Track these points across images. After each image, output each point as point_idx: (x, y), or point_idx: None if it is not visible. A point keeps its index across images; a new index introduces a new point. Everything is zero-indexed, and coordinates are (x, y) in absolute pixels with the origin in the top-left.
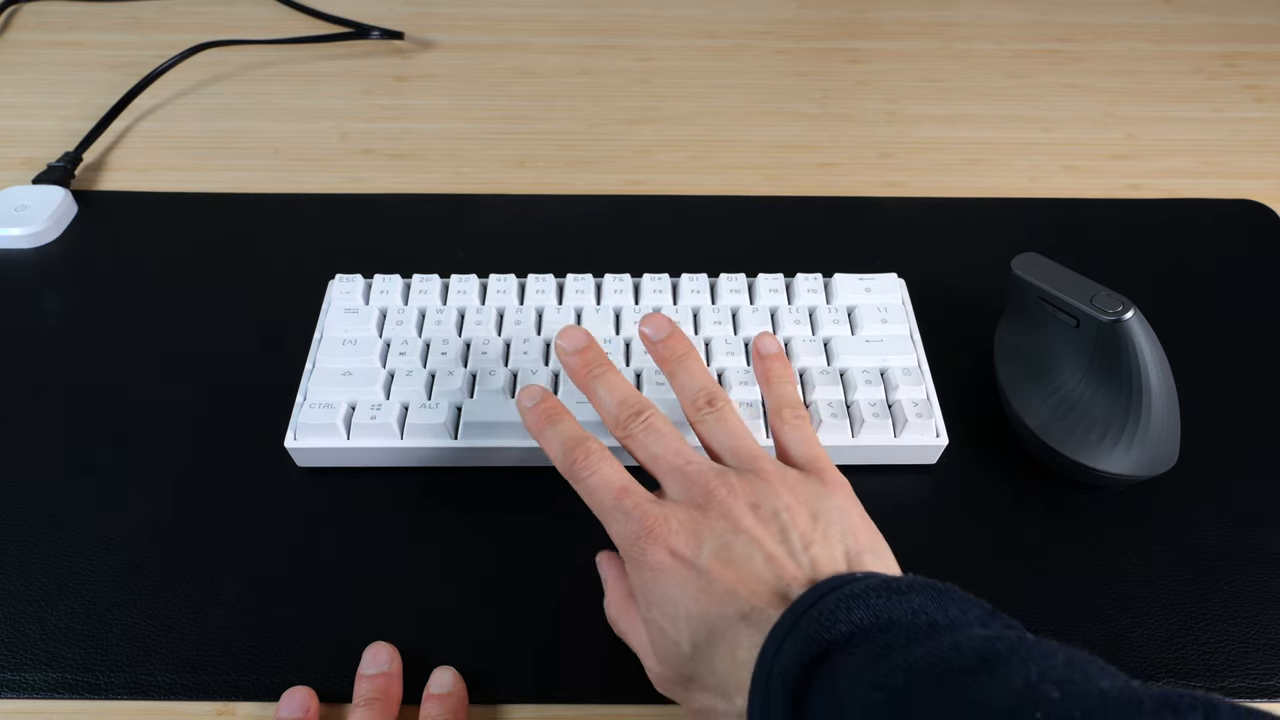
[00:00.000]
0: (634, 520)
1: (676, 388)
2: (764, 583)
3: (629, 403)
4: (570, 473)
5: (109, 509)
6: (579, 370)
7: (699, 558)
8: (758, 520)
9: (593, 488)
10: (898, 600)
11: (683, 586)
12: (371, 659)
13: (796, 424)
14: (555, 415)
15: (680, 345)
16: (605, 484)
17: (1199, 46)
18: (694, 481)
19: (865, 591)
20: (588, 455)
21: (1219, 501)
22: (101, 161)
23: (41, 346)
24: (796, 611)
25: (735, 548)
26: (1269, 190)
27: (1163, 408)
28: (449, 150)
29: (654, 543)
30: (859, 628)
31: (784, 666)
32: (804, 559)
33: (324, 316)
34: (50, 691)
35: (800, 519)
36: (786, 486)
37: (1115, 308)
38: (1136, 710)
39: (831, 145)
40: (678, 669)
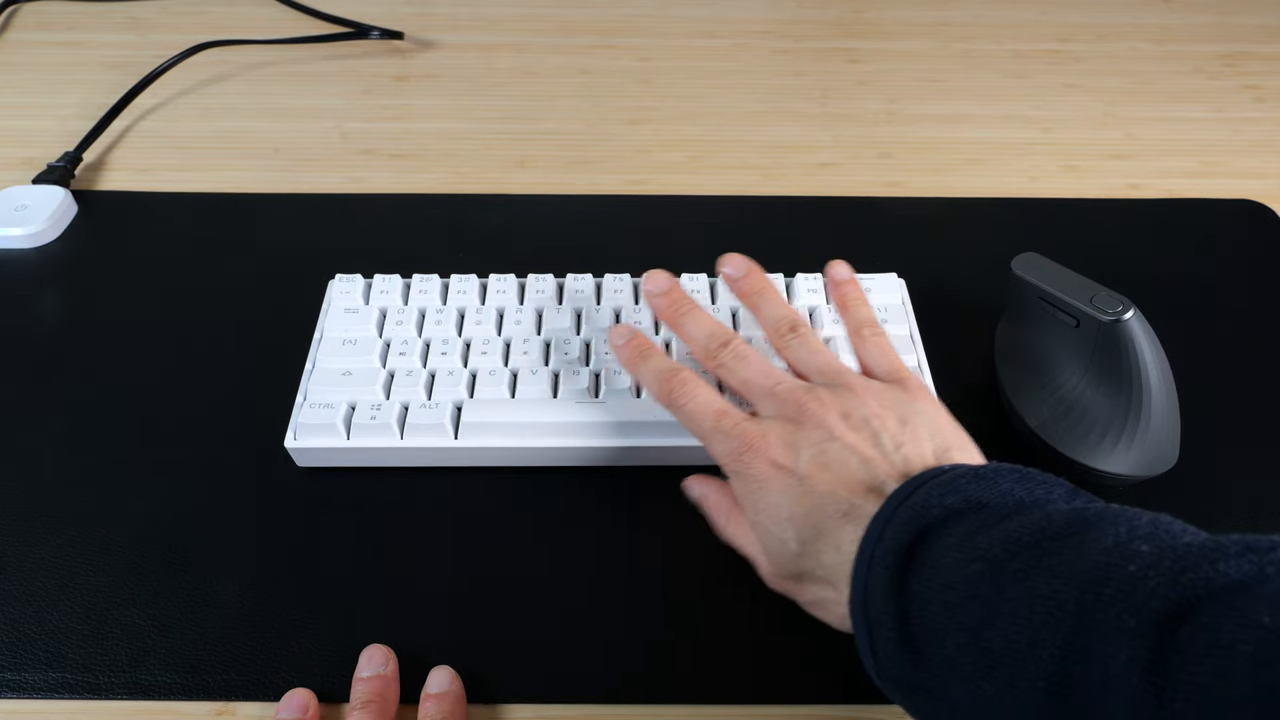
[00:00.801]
0: (734, 438)
1: (760, 319)
2: (860, 482)
3: (717, 334)
4: (668, 400)
5: (109, 509)
6: (666, 309)
7: (798, 465)
8: (849, 428)
9: (691, 412)
10: (986, 484)
11: (786, 492)
12: (368, 661)
13: (875, 340)
14: (647, 351)
15: (759, 280)
16: (703, 407)
17: (1199, 46)
18: (785, 399)
19: (955, 479)
20: (684, 384)
21: (1219, 501)
22: (101, 161)
23: (41, 346)
24: (895, 502)
25: (831, 453)
26: (1269, 190)
27: (1163, 408)
28: (449, 150)
29: (755, 456)
30: (952, 511)
31: (885, 551)
32: (896, 458)
33: (324, 316)
34: (50, 691)
35: (889, 423)
36: (873, 395)
37: (1115, 308)
38: (1221, 555)
39: (831, 145)
40: (787, 567)
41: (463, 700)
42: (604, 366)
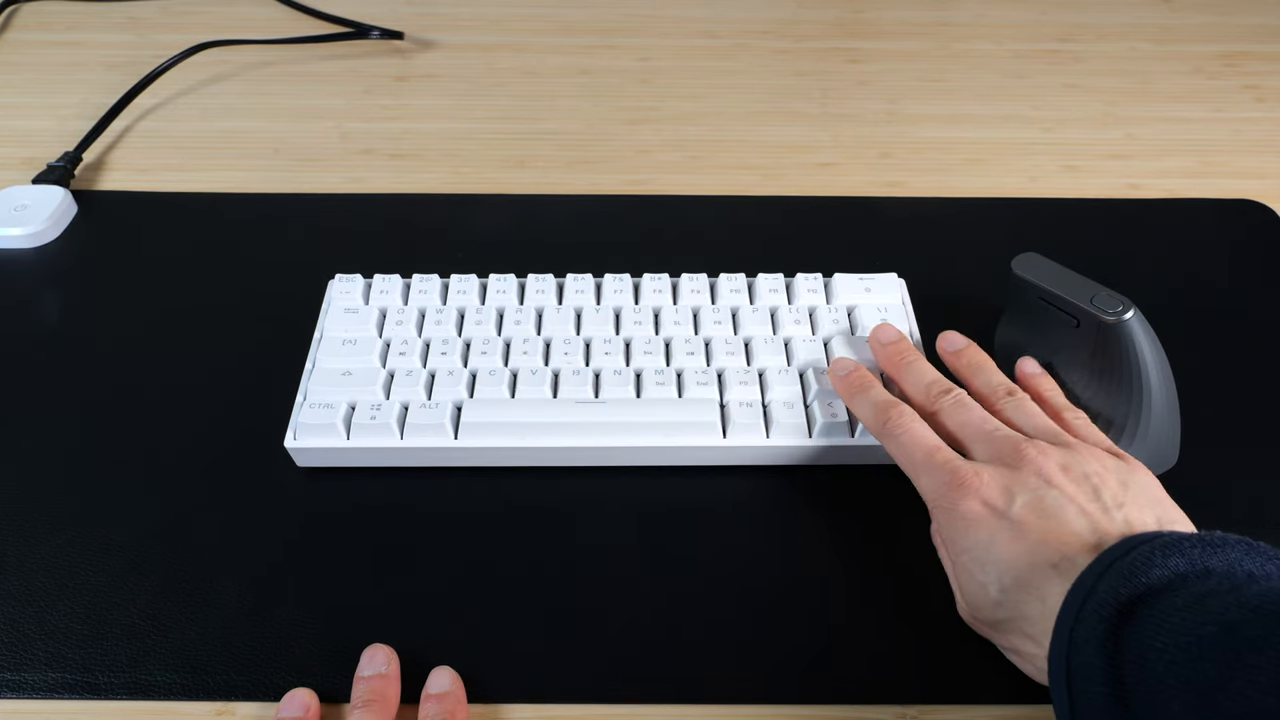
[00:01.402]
0: (945, 472)
1: (974, 390)
2: (1076, 535)
3: (939, 383)
4: (883, 431)
5: (109, 509)
6: (891, 359)
7: (1010, 509)
8: (1069, 479)
9: (905, 444)
10: (1214, 551)
11: (993, 534)
12: (369, 661)
13: (1083, 421)
14: (866, 383)
15: (977, 356)
16: (918, 440)
17: (1199, 46)
18: (1003, 444)
19: (1179, 541)
20: (901, 416)
21: (1219, 501)
22: (101, 161)
23: (41, 346)
24: (1109, 558)
25: (1047, 500)
26: (1269, 190)
27: (1163, 407)
28: (449, 150)
29: (966, 494)
30: (1177, 574)
31: (1098, 604)
32: (1117, 516)
33: (324, 316)
34: (50, 691)
35: (1110, 482)
36: (1094, 456)
37: (1115, 308)
38: None
39: (831, 145)
40: (984, 612)
41: (463, 701)
42: (604, 366)
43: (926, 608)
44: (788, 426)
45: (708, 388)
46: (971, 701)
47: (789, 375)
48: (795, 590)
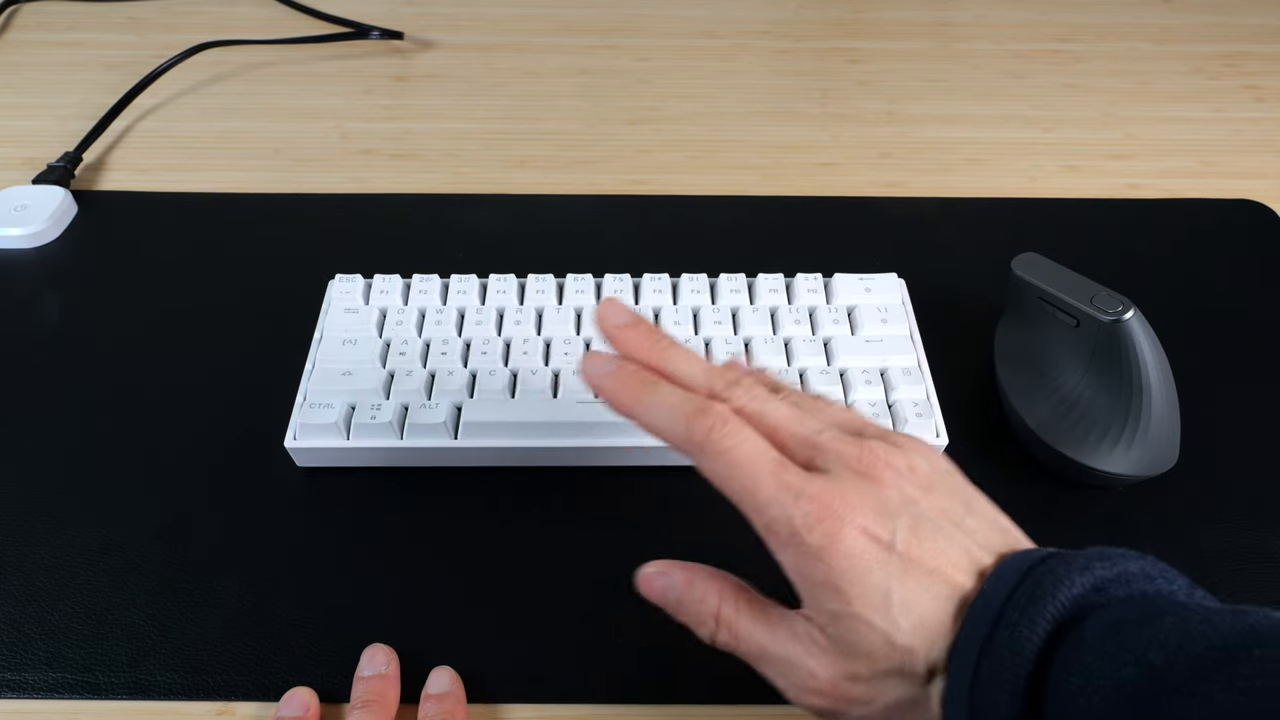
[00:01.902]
0: (809, 499)
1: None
2: (958, 556)
3: (717, 369)
4: (702, 446)
5: (109, 509)
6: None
7: (895, 537)
8: (923, 488)
9: (739, 461)
10: (1109, 564)
11: (886, 570)
12: (369, 661)
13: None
14: (649, 380)
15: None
16: (757, 456)
17: (1199, 46)
18: (842, 446)
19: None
20: (724, 421)
21: (1219, 501)
22: (101, 161)
23: (41, 346)
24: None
25: (923, 522)
26: (1269, 190)
27: (1163, 407)
28: (449, 150)
29: (843, 524)
30: (1082, 596)
31: (1005, 639)
32: (972, 525)
33: (324, 316)
34: (50, 691)
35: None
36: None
37: (1115, 308)
38: None
39: (831, 145)
40: (872, 664)
41: (463, 701)
42: None
43: None
44: None
45: None
46: None
47: (789, 375)
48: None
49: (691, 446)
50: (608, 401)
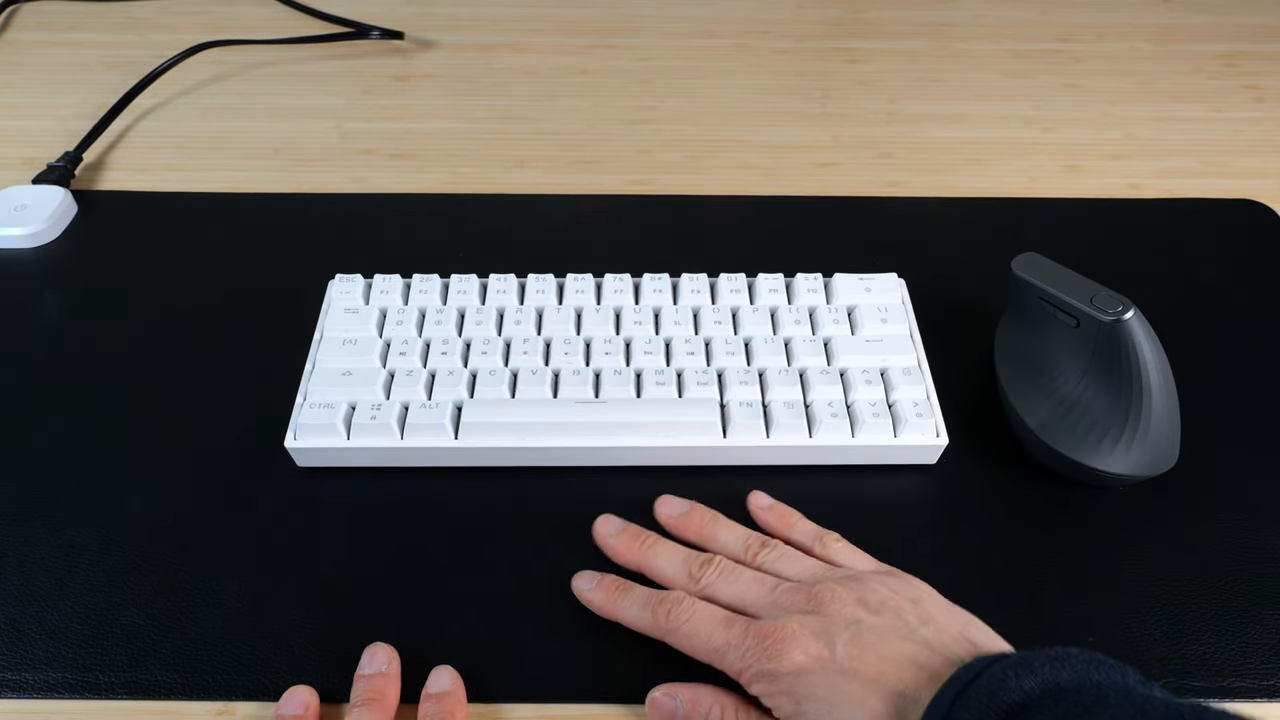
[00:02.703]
0: (755, 637)
1: (719, 548)
2: (903, 663)
3: (693, 556)
4: (665, 626)
5: (109, 509)
6: (628, 547)
7: (835, 651)
8: (870, 611)
9: (696, 629)
10: (1061, 666)
11: (829, 679)
12: (369, 659)
13: (841, 544)
14: (623, 586)
15: (705, 514)
16: (707, 620)
17: (1199, 46)
18: (791, 596)
19: (1028, 660)
20: (678, 603)
21: (1219, 501)
22: (101, 161)
23: (41, 346)
24: (958, 683)
25: (864, 636)
26: (1269, 190)
27: (1163, 407)
28: (449, 150)
29: (788, 647)
30: (1032, 695)
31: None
32: (927, 635)
33: (324, 316)
34: (50, 691)
35: (905, 604)
36: (877, 581)
37: (1115, 307)
38: None
39: (831, 145)
40: None
41: (463, 702)
42: (604, 366)
43: None
44: (788, 426)
45: (708, 388)
46: None
47: (789, 375)
48: None
49: (660, 630)
50: (594, 608)
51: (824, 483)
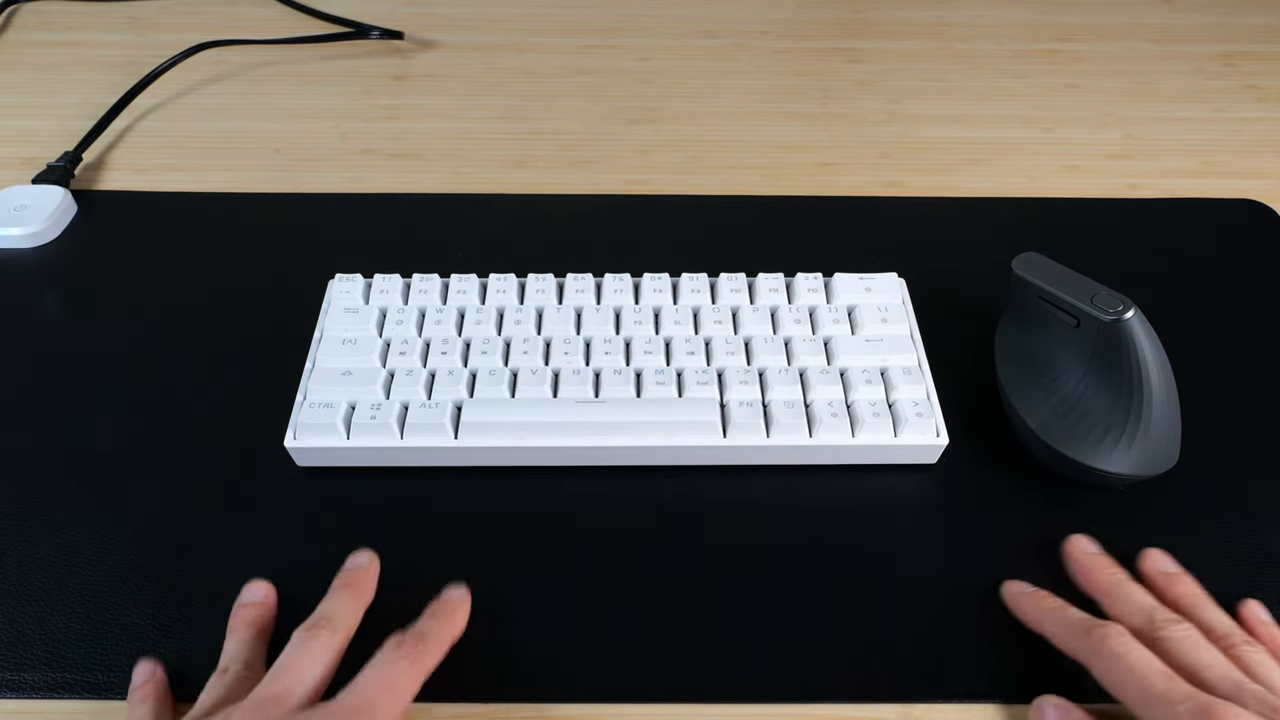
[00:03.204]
0: (1194, 703)
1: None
2: None
3: (1162, 610)
4: (1097, 651)
5: (109, 509)
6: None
7: None
8: None
9: (1132, 665)
10: None
11: None
12: (353, 558)
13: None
14: (1059, 602)
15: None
16: (1149, 664)
17: (1199, 46)
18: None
19: None
20: (1120, 635)
21: (1219, 501)
22: (101, 161)
23: (41, 346)
24: None
25: None
26: (1269, 190)
27: (1163, 407)
28: (449, 150)
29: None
30: None
31: None
32: None
33: (324, 316)
34: (50, 691)
35: None
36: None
37: (1116, 307)
38: None
39: (831, 145)
40: None
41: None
42: (604, 366)
43: (928, 606)
44: (788, 426)
45: (708, 387)
46: (972, 700)
47: (789, 375)
48: (796, 589)
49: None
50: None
51: (824, 483)
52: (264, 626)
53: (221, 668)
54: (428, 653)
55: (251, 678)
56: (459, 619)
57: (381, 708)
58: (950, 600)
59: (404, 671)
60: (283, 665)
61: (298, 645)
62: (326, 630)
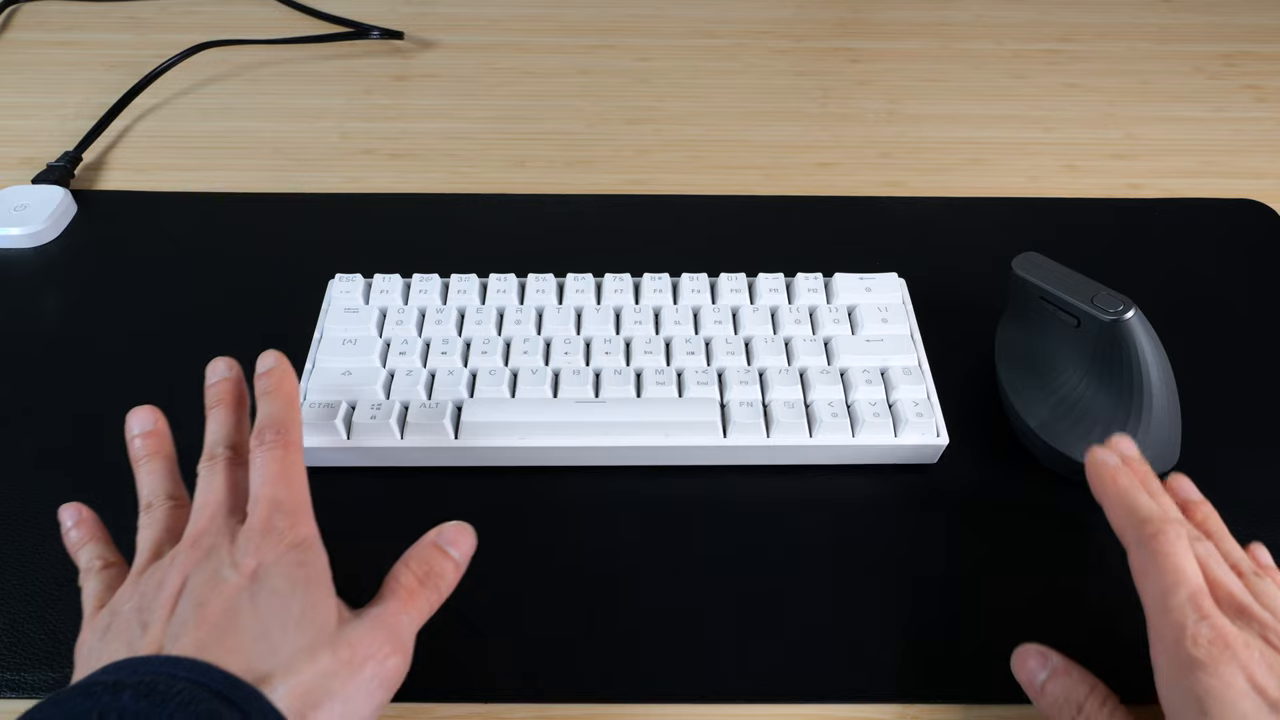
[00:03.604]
0: (1213, 625)
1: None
2: None
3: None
4: (1142, 536)
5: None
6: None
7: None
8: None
9: (1170, 567)
10: None
11: (1259, 713)
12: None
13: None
14: (1140, 486)
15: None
16: (1184, 568)
17: (1199, 46)
18: (1266, 627)
19: None
20: (1179, 537)
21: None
22: (101, 161)
23: (41, 346)
24: None
25: None
26: (1269, 190)
27: (1164, 407)
28: (449, 150)
29: (1231, 657)
30: None
31: None
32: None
33: (324, 316)
34: (50, 691)
35: None
36: None
37: (1116, 307)
38: None
39: (831, 145)
40: None
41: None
42: (604, 366)
43: (927, 607)
44: (788, 426)
45: (708, 387)
46: (972, 701)
47: (789, 375)
48: (796, 590)
49: (1137, 537)
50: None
51: (824, 482)
52: (168, 451)
53: (145, 503)
54: (289, 432)
55: (178, 508)
56: (288, 387)
57: (286, 497)
58: (950, 600)
59: (280, 457)
60: (203, 501)
61: (208, 478)
62: (221, 456)
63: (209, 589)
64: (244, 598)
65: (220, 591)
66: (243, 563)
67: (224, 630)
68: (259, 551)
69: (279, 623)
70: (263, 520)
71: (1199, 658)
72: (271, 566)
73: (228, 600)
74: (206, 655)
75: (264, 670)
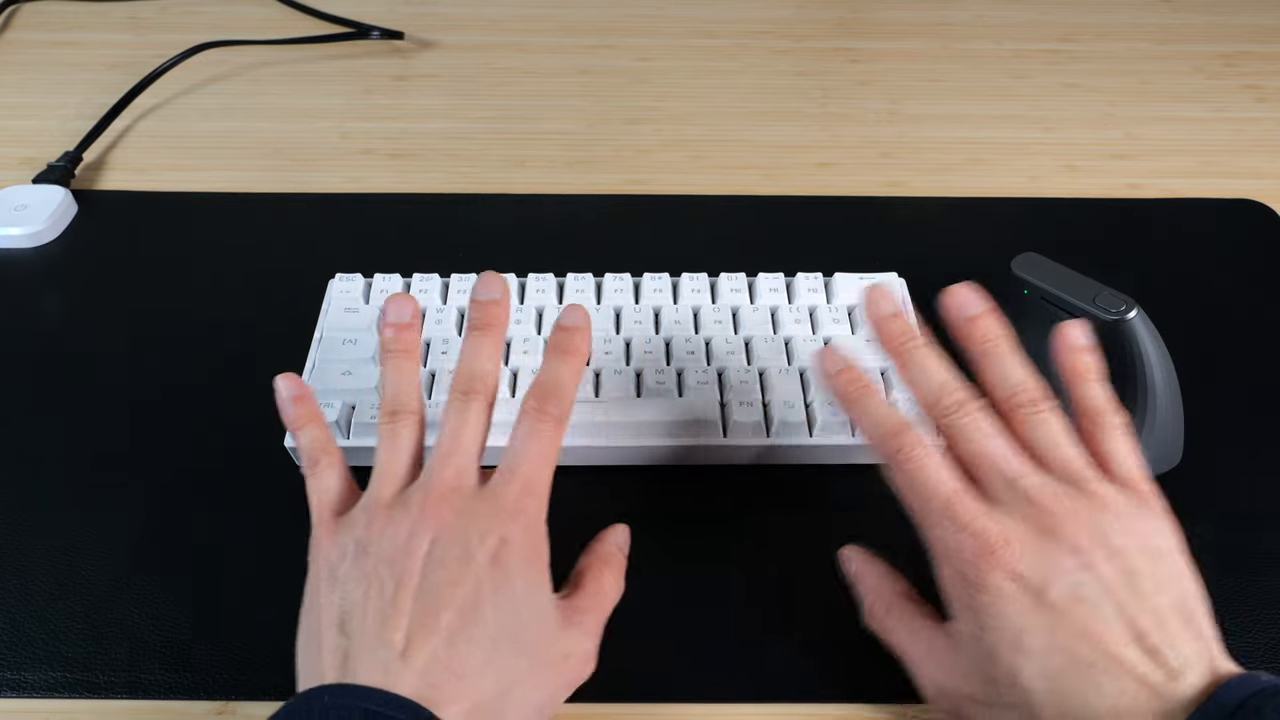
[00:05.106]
0: (970, 535)
1: (988, 381)
2: (1114, 636)
3: (951, 388)
4: (890, 459)
5: (109, 509)
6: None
7: (1047, 593)
8: (1105, 558)
9: (918, 483)
10: None
11: (1026, 617)
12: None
13: (1121, 434)
14: (864, 390)
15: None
16: (934, 483)
17: (1199, 46)
18: (1033, 500)
19: None
20: (914, 446)
21: (1222, 500)
22: (101, 161)
23: (41, 346)
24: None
25: (1084, 590)
26: (1269, 190)
27: (1166, 407)
28: (449, 150)
29: (996, 566)
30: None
31: None
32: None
33: (324, 316)
34: (50, 691)
35: (1142, 561)
36: (1123, 519)
37: (1119, 307)
38: None
39: (831, 145)
40: (993, 694)
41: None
42: (604, 366)
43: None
44: (788, 426)
45: (708, 387)
46: None
47: (789, 375)
48: (796, 590)
49: (884, 456)
50: (835, 391)
51: (824, 483)
52: (418, 352)
53: (389, 409)
54: (563, 405)
55: (420, 425)
56: (583, 348)
57: (539, 480)
58: None
59: (550, 436)
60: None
61: (460, 413)
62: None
63: (459, 567)
64: (486, 590)
65: (468, 572)
66: (488, 540)
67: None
68: (505, 529)
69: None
70: (514, 499)
71: (963, 573)
72: (513, 553)
73: (471, 590)
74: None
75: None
